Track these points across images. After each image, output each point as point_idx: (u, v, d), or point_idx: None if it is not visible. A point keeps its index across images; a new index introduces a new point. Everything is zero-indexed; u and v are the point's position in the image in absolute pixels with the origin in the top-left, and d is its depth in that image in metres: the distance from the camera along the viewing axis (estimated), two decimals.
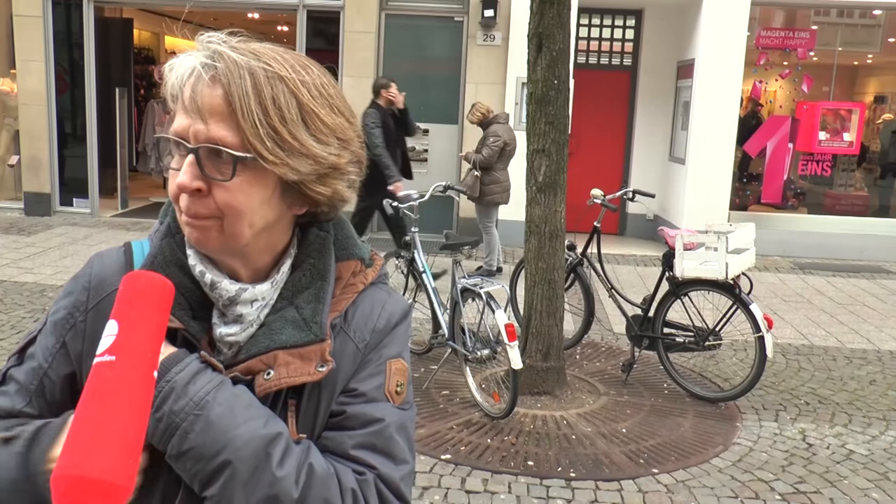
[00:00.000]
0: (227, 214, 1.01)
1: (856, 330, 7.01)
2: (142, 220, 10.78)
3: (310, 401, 1.10)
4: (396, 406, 1.14)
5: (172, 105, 1.04)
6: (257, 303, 1.10)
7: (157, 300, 0.99)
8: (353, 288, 1.16)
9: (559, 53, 4.86)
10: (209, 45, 1.02)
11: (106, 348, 0.94)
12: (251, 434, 1.00)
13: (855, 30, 11.01)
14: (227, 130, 0.99)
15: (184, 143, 1.01)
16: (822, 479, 4.18)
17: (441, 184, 5.98)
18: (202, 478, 0.99)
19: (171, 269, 1.09)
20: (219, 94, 0.99)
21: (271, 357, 1.07)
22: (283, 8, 11.02)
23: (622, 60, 11.14)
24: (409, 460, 1.14)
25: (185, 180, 0.99)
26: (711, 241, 5.02)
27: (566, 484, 4.01)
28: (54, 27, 10.59)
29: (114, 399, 0.90)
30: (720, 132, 9.92)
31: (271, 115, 0.99)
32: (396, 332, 1.18)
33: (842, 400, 5.32)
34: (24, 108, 10.65)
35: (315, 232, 1.15)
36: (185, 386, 0.99)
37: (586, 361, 5.86)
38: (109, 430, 0.88)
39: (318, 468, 1.04)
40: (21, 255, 8.40)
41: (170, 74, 1.04)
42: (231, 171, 0.99)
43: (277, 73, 1.01)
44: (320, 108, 1.04)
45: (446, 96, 10.44)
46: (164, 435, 0.98)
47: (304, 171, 1.03)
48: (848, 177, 11.08)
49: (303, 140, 1.02)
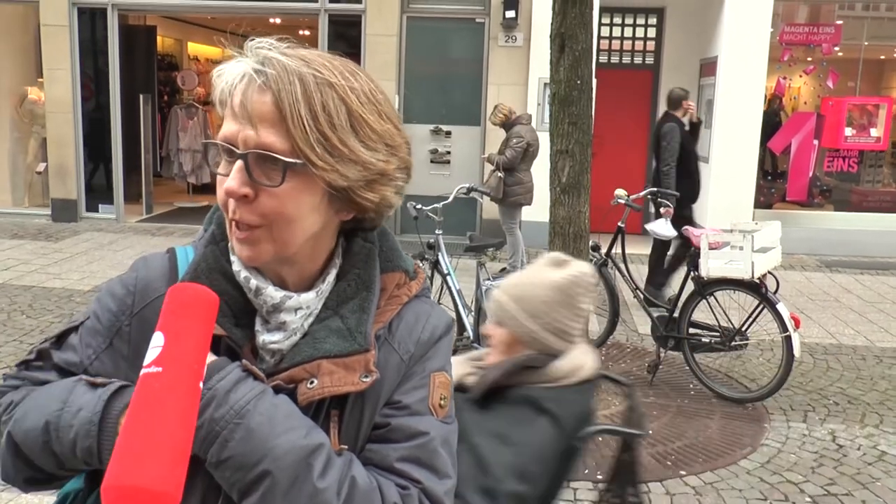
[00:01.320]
0: (275, 221, 1.02)
1: (885, 329, 6.92)
2: (166, 225, 10.88)
3: (353, 412, 1.09)
4: (440, 420, 1.13)
5: (221, 111, 1.04)
6: (301, 311, 1.10)
7: (203, 312, 1.00)
8: (398, 300, 1.16)
9: (582, 53, 4.84)
10: (259, 50, 1.02)
11: (153, 360, 0.95)
12: (291, 444, 0.99)
13: (881, 23, 10.86)
14: (276, 136, 0.99)
15: (232, 148, 1.01)
16: (853, 481, 4.12)
17: (464, 186, 5.98)
18: (241, 487, 0.99)
19: (215, 275, 1.09)
20: (268, 100, 0.99)
21: (315, 366, 1.06)
22: (305, 13, 11.07)
23: (644, 59, 11.08)
24: (451, 475, 1.13)
25: (233, 185, 1.00)
26: (737, 239, 4.98)
27: (593, 486, 3.99)
28: (80, 36, 10.73)
29: (161, 409, 0.92)
30: (744, 130, 9.83)
31: (321, 121, 1.00)
32: (440, 345, 1.18)
33: (872, 400, 5.25)
34: (50, 115, 10.79)
35: (360, 242, 1.15)
36: (227, 394, 0.99)
37: (612, 362, 5.83)
38: (158, 440, 0.90)
39: (361, 481, 1.03)
40: (49, 260, 8.51)
41: (218, 80, 1.04)
42: (281, 178, 1.00)
43: (327, 79, 1.01)
44: (369, 114, 1.04)
45: (468, 98, 10.44)
46: (205, 442, 0.98)
47: (353, 177, 1.03)
48: (875, 173, 10.93)
49: (352, 146, 1.02)
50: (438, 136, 10.46)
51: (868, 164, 10.79)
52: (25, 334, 5.95)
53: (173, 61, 14.87)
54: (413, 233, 5.99)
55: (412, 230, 6.35)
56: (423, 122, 10.42)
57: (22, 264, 8.29)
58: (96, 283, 7.54)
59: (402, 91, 10.39)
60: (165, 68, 14.24)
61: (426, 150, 10.41)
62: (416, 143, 10.25)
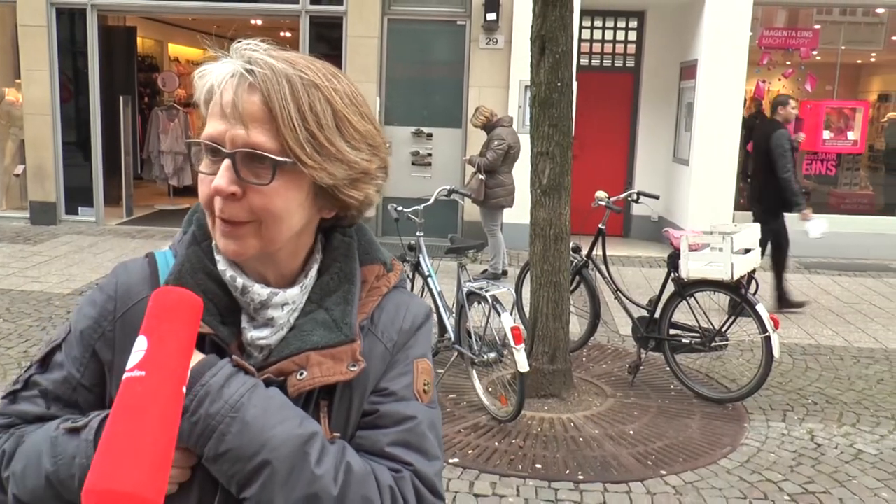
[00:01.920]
0: (264, 218, 1.04)
1: (863, 329, 7.00)
2: (147, 227, 10.81)
3: (341, 401, 1.12)
4: (425, 404, 1.17)
5: (204, 110, 1.06)
6: (288, 306, 1.12)
7: (187, 316, 1.00)
8: (378, 291, 1.19)
9: (562, 56, 4.87)
10: (245, 52, 1.04)
11: (136, 363, 0.95)
12: (288, 434, 1.01)
13: (858, 28, 10.99)
14: (265, 136, 1.01)
15: (219, 147, 1.02)
16: (830, 479, 4.16)
17: (445, 188, 5.98)
18: (240, 479, 1.01)
19: (199, 276, 1.11)
20: (257, 99, 1.01)
21: (303, 358, 1.08)
22: (286, 14, 11.05)
23: (625, 62, 11.14)
24: (440, 457, 1.18)
25: (221, 184, 1.01)
26: (717, 241, 5.02)
27: (574, 486, 4.01)
28: (59, 36, 10.64)
29: (143, 414, 0.92)
30: (724, 133, 9.91)
31: (309, 121, 1.02)
32: (420, 333, 1.22)
33: (850, 399, 5.31)
34: (28, 117, 10.68)
35: (339, 237, 1.18)
36: (220, 389, 1.01)
37: (593, 364, 5.86)
38: (139, 445, 0.90)
39: (356, 466, 1.06)
40: (27, 263, 8.43)
41: (202, 79, 1.06)
42: (270, 176, 1.02)
43: (312, 80, 1.03)
44: (352, 115, 1.07)
45: (449, 100, 10.45)
46: (201, 438, 1.00)
47: (339, 175, 1.06)
48: (853, 176, 11.05)
49: (338, 146, 1.05)
50: (420, 138, 10.46)
51: (846, 166, 10.91)
52: (3, 338, 5.88)
53: (154, 63, 14.78)
54: (394, 234, 5.99)
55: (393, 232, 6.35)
56: (405, 124, 10.42)
57: (0, 268, 8.21)
58: (76, 287, 7.47)
59: (383, 93, 10.38)
60: (146, 70, 14.15)
61: (407, 152, 10.40)
62: (398, 145, 10.25)
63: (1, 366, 5.30)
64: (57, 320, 6.39)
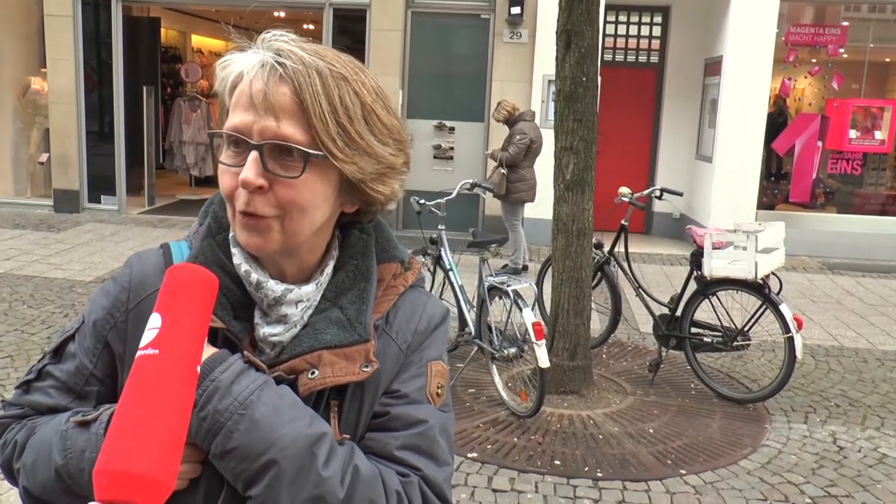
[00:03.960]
0: (290, 211, 1.02)
1: (887, 332, 6.91)
2: (168, 217, 10.87)
3: (352, 402, 1.10)
4: (438, 408, 1.15)
5: (227, 100, 1.04)
6: (302, 303, 1.10)
7: (202, 294, 0.98)
8: (395, 290, 1.17)
9: (588, 50, 4.83)
10: (274, 42, 1.02)
11: (149, 341, 0.93)
12: (296, 433, 1.00)
13: (887, 25, 10.84)
14: (294, 128, 1.00)
15: (245, 139, 1.00)
16: (853, 483, 4.11)
17: (468, 181, 5.96)
18: (246, 477, 0.99)
19: (213, 269, 1.08)
20: (287, 91, 0.99)
21: (316, 357, 1.06)
22: (310, 6, 11.06)
23: (649, 58, 11.06)
24: (450, 462, 1.15)
25: (249, 176, 0.99)
26: (740, 240, 4.97)
27: (593, 484, 3.99)
28: (83, 26, 10.72)
29: (156, 393, 0.89)
30: (748, 130, 9.81)
31: (340, 114, 1.01)
32: (436, 335, 1.19)
33: (873, 402, 5.24)
34: (53, 106, 10.78)
35: (357, 234, 1.16)
36: (230, 385, 0.99)
37: (613, 361, 5.83)
38: (152, 425, 0.87)
39: (364, 469, 1.04)
40: (50, 251, 8.51)
41: (225, 70, 1.04)
42: (301, 169, 1.00)
43: (341, 73, 1.02)
44: (379, 109, 1.06)
45: (472, 94, 10.42)
46: (209, 434, 0.98)
47: (368, 170, 1.05)
48: (879, 175, 10.92)
49: (367, 139, 1.04)
50: (442, 131, 10.44)
51: (871, 166, 10.77)
52: (27, 324, 5.94)
53: (177, 53, 14.85)
54: (416, 228, 5.99)
55: (415, 225, 6.35)
56: (427, 117, 10.41)
57: (24, 254, 8.28)
58: (98, 275, 7.53)
59: (406, 86, 10.37)
60: (169, 60, 14.23)
61: (429, 146, 10.39)
62: (420, 139, 10.24)
63: (25, 351, 5.34)
64: (79, 307, 6.44)
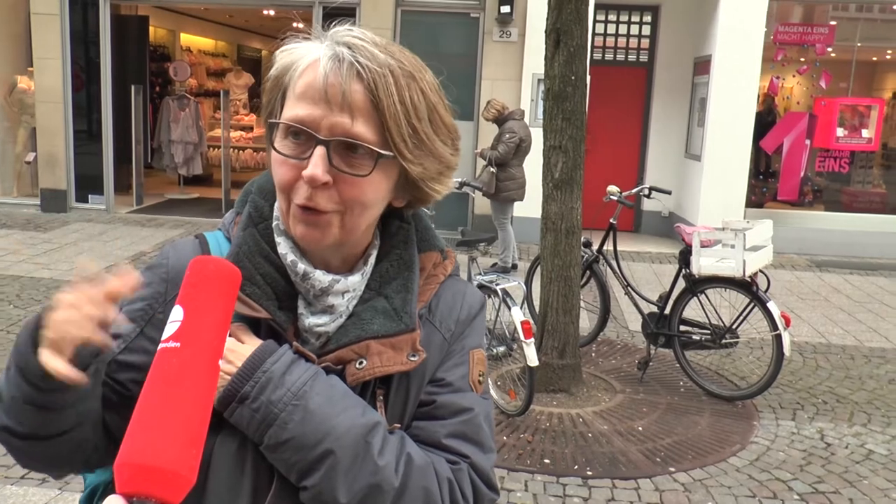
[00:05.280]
0: (351, 208, 1.02)
1: (874, 328, 6.95)
2: (157, 216, 10.83)
3: (398, 391, 1.10)
4: (480, 395, 1.16)
5: (290, 88, 1.02)
6: (348, 294, 1.10)
7: (225, 287, 0.96)
8: (436, 279, 1.17)
9: (577, 49, 4.84)
10: (346, 37, 1.01)
11: (171, 334, 0.91)
12: (351, 423, 1.00)
13: (874, 25, 10.90)
14: (366, 126, 0.99)
15: (311, 132, 0.99)
16: (840, 479, 4.14)
17: (457, 180, 5.96)
18: (301, 467, 0.99)
19: (257, 259, 1.08)
20: (361, 88, 0.98)
21: (363, 347, 1.06)
22: (299, 4, 11.03)
23: (638, 56, 11.08)
24: (494, 449, 1.16)
25: (317, 173, 0.98)
26: (729, 238, 4.98)
27: (583, 482, 3.99)
28: (71, 25, 10.66)
29: (178, 387, 0.88)
30: (737, 129, 9.85)
31: (411, 114, 1.01)
32: (476, 323, 1.20)
33: (860, 399, 5.27)
34: (40, 105, 10.72)
35: (398, 223, 1.16)
36: (282, 376, 1.00)
37: (602, 359, 5.84)
38: (173, 419, 0.86)
39: (417, 457, 1.05)
40: (37, 251, 8.46)
41: (290, 56, 1.03)
42: (371, 168, 1.00)
43: (409, 71, 1.02)
44: (441, 108, 1.06)
45: (462, 93, 10.41)
46: (262, 425, 0.98)
47: (431, 170, 1.06)
48: (866, 174, 10.98)
49: (433, 140, 1.04)
50: None
51: (859, 164, 10.83)
52: (13, 324, 5.90)
53: (166, 52, 14.78)
54: None
55: None
56: None
57: (10, 254, 8.23)
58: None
59: None
60: (157, 59, 14.16)
61: None
62: None
63: (10, 352, 5.31)
64: None
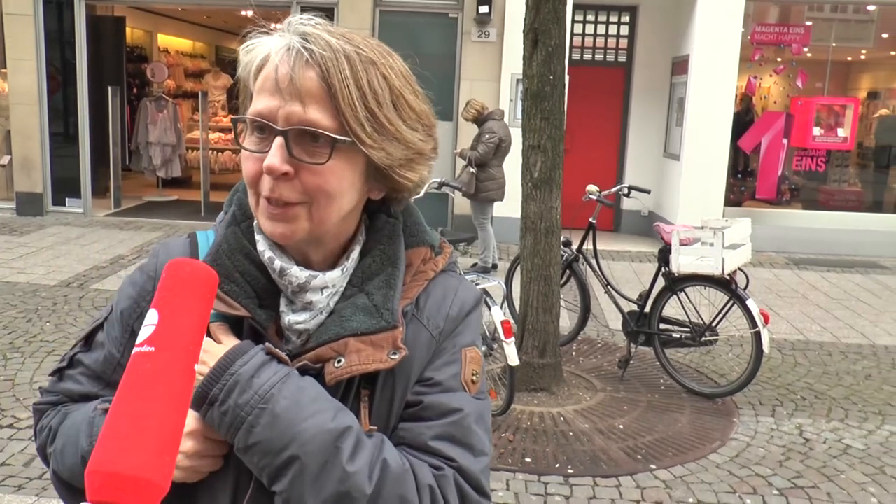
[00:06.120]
0: (316, 198, 1.01)
1: (851, 325, 7.02)
2: (135, 219, 10.73)
3: (384, 391, 1.07)
4: (473, 395, 1.11)
5: (251, 84, 1.03)
6: (328, 290, 1.08)
7: (201, 290, 0.95)
8: (424, 275, 1.14)
9: (555, 49, 4.85)
10: (300, 27, 1.01)
11: (145, 338, 0.90)
12: (318, 428, 0.97)
13: (849, 25, 11.01)
14: (321, 113, 0.98)
15: (269, 124, 0.99)
16: (819, 474, 4.17)
17: (436, 180, 5.96)
18: (270, 472, 0.98)
19: (237, 256, 1.07)
20: (314, 75, 0.98)
21: (342, 344, 1.04)
22: (277, 4, 10.99)
23: (617, 57, 11.13)
24: (487, 451, 1.11)
25: (275, 162, 0.97)
26: (707, 236, 5.01)
27: (564, 480, 4.00)
28: (46, 26, 10.53)
29: (151, 392, 0.87)
30: (715, 128, 9.91)
31: (368, 99, 0.99)
32: (470, 320, 1.16)
33: (838, 395, 5.32)
34: (15, 107, 10.59)
35: (384, 218, 1.14)
36: (250, 379, 0.98)
37: (582, 358, 5.85)
38: (146, 426, 0.85)
39: (393, 463, 1.01)
40: (13, 255, 8.35)
41: (249, 54, 1.03)
42: (327, 155, 0.99)
43: (369, 57, 1.01)
44: (408, 94, 1.05)
45: (441, 93, 10.41)
46: (231, 428, 0.97)
47: (397, 155, 1.04)
48: (842, 172, 11.09)
49: (396, 124, 1.03)
50: None
51: (835, 163, 10.95)
52: None
53: (143, 53, 14.66)
54: None
55: None
56: None
57: None
58: (62, 278, 7.41)
59: None
60: (135, 60, 14.04)
61: None
62: None
63: None
64: (43, 312, 6.33)
